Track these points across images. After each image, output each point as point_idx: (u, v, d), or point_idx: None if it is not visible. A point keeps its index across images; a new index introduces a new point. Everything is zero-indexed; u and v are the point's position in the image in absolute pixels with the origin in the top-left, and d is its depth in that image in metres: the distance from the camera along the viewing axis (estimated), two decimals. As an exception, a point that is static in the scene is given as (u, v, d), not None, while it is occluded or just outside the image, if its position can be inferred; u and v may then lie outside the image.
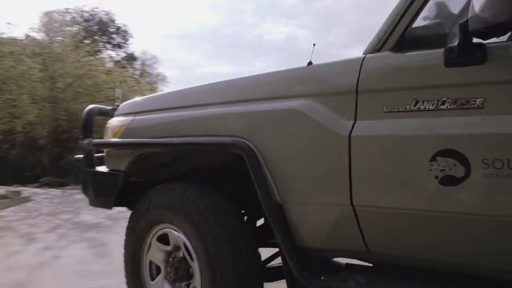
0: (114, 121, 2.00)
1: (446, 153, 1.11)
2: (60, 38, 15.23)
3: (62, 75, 13.48)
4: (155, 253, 1.76)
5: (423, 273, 1.32)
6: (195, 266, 1.56)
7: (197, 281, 1.56)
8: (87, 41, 16.11)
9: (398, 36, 1.27)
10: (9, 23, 19.82)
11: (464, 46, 1.12)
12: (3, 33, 14.12)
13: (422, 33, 1.29)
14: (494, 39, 1.17)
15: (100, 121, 2.54)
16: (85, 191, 2.07)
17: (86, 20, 21.73)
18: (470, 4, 1.08)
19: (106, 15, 22.92)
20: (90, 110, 2.13)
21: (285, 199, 1.39)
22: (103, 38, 21.61)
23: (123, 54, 23.34)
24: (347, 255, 1.44)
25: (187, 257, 1.62)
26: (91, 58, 14.72)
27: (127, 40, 23.84)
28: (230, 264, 1.47)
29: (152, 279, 1.79)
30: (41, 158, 12.67)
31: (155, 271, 1.80)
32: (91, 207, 2.18)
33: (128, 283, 1.87)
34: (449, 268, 1.26)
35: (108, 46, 22.39)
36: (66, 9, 21.20)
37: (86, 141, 2.00)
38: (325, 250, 1.40)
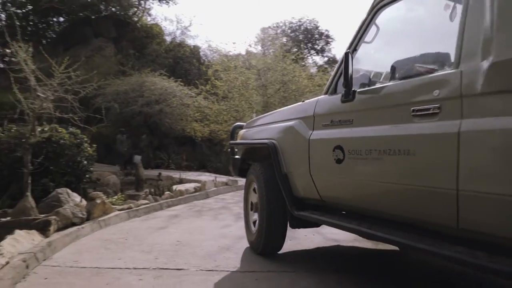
0: (241, 132, 3.79)
1: (337, 147, 2.30)
2: (272, 50, 17.89)
3: (272, 82, 15.63)
4: (253, 197, 3.42)
5: (371, 219, 2.35)
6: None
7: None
8: (294, 50, 18.29)
9: (333, 86, 2.49)
10: (234, 43, 24.91)
11: (345, 91, 2.26)
12: (229, 51, 17.83)
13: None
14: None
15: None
16: (230, 167, 3.96)
17: (293, 30, 25.03)
18: None
19: (310, 23, 25.77)
20: (234, 126, 4.02)
21: (288, 170, 2.79)
22: (308, 45, 24.28)
23: (325, 59, 25.63)
24: (315, 202, 2.68)
25: None
26: (295, 65, 16.80)
27: (329, 44, 26.00)
28: (266, 207, 2.94)
29: (251, 211, 3.46)
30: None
31: (254, 207, 3.45)
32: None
33: (244, 212, 3.61)
34: (368, 213, 2.32)
35: (312, 52, 25.06)
36: (277, 23, 25.00)
37: (230, 142, 3.88)
38: (306, 199, 2.72)
